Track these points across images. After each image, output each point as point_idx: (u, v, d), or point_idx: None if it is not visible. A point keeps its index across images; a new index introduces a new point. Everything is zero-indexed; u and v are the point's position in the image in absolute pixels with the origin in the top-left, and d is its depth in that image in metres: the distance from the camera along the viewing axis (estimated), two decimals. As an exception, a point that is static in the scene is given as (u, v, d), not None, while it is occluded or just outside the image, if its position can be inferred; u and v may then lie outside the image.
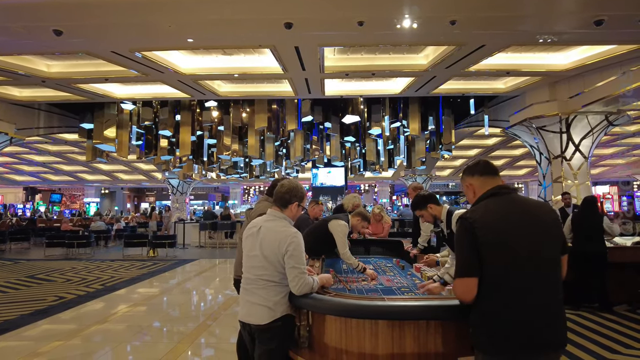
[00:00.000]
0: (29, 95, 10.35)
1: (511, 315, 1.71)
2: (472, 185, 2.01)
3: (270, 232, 2.34)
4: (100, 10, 5.79)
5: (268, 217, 2.45)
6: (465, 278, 1.79)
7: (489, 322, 1.76)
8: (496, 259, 1.74)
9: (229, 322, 5.48)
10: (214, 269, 10.22)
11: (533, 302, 1.72)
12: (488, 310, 1.76)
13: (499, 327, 1.73)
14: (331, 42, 7.18)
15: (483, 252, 1.75)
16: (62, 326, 5.40)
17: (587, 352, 4.24)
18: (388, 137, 12.85)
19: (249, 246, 2.42)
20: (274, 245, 2.28)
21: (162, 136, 12.43)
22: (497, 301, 1.74)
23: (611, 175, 25.35)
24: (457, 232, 1.87)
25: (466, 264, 1.79)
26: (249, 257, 2.39)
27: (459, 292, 1.85)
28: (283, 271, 2.29)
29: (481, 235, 1.75)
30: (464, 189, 2.08)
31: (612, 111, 8.57)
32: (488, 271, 1.75)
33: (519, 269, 1.73)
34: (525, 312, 1.71)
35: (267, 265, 2.30)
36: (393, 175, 22.58)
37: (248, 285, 2.37)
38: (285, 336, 2.34)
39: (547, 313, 1.73)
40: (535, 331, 1.70)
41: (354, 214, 4.17)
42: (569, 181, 9.05)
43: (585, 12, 5.81)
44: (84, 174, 24.55)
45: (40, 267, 10.07)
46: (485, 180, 1.97)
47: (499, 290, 1.74)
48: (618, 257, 5.97)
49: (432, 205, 2.99)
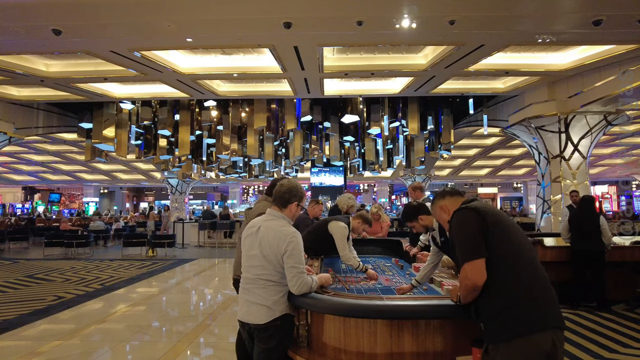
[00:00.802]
0: (28, 95, 10.34)
1: (524, 297, 1.77)
2: (445, 206, 2.16)
3: (269, 231, 2.34)
4: (99, 10, 5.79)
5: (267, 216, 2.46)
6: (475, 260, 1.82)
7: (504, 308, 1.77)
8: (504, 241, 1.85)
9: (228, 322, 5.48)
10: (213, 269, 10.22)
11: (538, 282, 1.82)
12: (502, 296, 1.79)
13: (516, 311, 1.75)
14: (330, 42, 7.18)
15: (494, 238, 1.84)
16: (61, 326, 5.40)
17: (585, 351, 4.25)
18: (387, 137, 12.85)
19: (248, 246, 2.43)
20: (273, 244, 2.29)
21: (161, 136, 12.42)
22: (509, 284, 1.79)
23: (610, 175, 25.40)
24: (460, 217, 1.94)
25: (474, 245, 1.84)
26: (248, 257, 2.40)
27: (472, 275, 1.82)
28: (282, 270, 2.30)
29: (490, 221, 1.86)
30: (437, 214, 2.23)
31: (610, 111, 8.59)
32: (498, 255, 1.82)
33: (524, 252, 1.86)
34: (535, 291, 1.79)
35: (266, 264, 2.30)
36: (392, 175, 22.59)
37: (247, 285, 2.38)
38: (284, 335, 2.34)
39: (552, 295, 1.82)
40: (548, 311, 1.76)
41: (356, 216, 4.17)
42: (568, 181, 9.07)
43: (584, 12, 5.82)
44: (83, 173, 24.53)
45: (39, 267, 10.06)
46: (456, 199, 2.15)
47: (510, 272, 1.81)
48: (616, 256, 6.00)
49: (422, 217, 2.95)
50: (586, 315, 5.52)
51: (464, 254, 1.87)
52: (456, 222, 1.96)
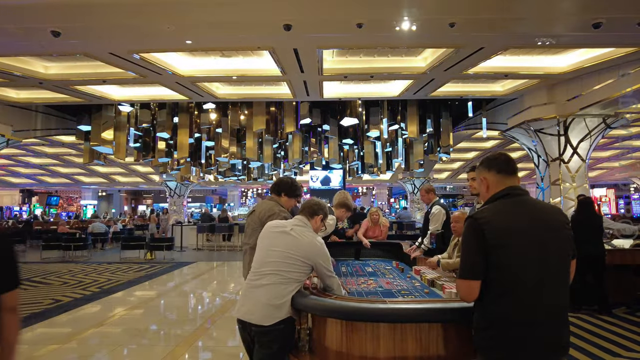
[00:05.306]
0: (26, 97, 10.30)
1: (517, 319, 1.69)
2: (486, 180, 1.94)
3: (304, 236, 2.47)
4: (98, 12, 5.76)
5: (298, 222, 2.57)
6: (467, 280, 1.78)
7: (494, 325, 1.73)
8: (503, 261, 1.71)
9: (227, 325, 5.44)
10: (212, 272, 10.17)
11: (540, 305, 1.70)
12: (493, 314, 1.74)
13: (503, 331, 1.71)
14: (330, 44, 7.17)
15: (490, 255, 1.72)
16: (59, 329, 5.35)
17: (587, 354, 4.22)
18: (386, 140, 12.84)
19: (271, 240, 2.47)
20: (308, 250, 2.42)
21: (160, 138, 12.38)
22: (502, 305, 1.72)
23: (608, 178, 25.45)
24: (464, 231, 1.84)
25: (471, 265, 1.77)
26: (269, 252, 2.43)
27: (461, 293, 1.85)
28: (302, 271, 2.40)
29: (490, 237, 1.72)
30: (477, 181, 2.02)
31: (609, 114, 8.59)
32: (495, 274, 1.72)
33: (526, 272, 1.70)
34: (532, 315, 1.69)
35: (292, 262, 2.37)
36: (391, 178, 22.58)
37: (256, 281, 2.38)
38: (285, 340, 2.32)
39: (553, 317, 1.72)
40: (541, 335, 1.68)
41: (337, 206, 4.32)
42: (567, 184, 9.06)
43: (584, 14, 5.82)
44: (81, 176, 24.44)
45: (37, 270, 10.00)
46: (501, 178, 1.90)
47: (505, 294, 1.71)
48: (617, 259, 5.98)
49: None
50: (587, 319, 5.50)
51: (460, 269, 1.83)
52: (464, 230, 1.86)
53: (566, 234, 1.81)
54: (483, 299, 1.76)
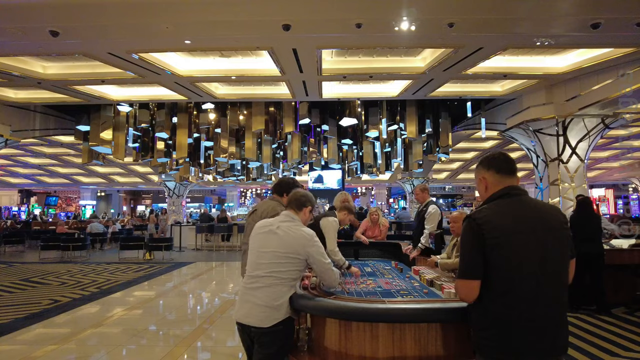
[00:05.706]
0: (24, 97, 10.28)
1: (515, 319, 1.69)
2: (485, 180, 1.93)
3: (290, 231, 2.42)
4: (97, 11, 5.75)
5: (285, 217, 2.52)
6: (467, 280, 1.78)
7: (492, 325, 1.73)
8: (502, 261, 1.71)
9: (226, 326, 5.44)
10: (211, 272, 10.16)
11: (538, 306, 1.69)
12: (492, 314, 1.74)
13: (502, 331, 1.71)
14: (329, 44, 7.17)
15: (489, 255, 1.72)
16: (57, 330, 5.33)
17: (586, 354, 4.23)
18: (385, 140, 12.84)
19: (261, 242, 2.44)
20: (296, 244, 2.37)
21: (159, 138, 12.37)
22: (501, 304, 1.71)
23: (607, 178, 25.49)
24: (463, 231, 1.83)
25: (469, 265, 1.77)
26: (261, 253, 2.40)
27: (460, 293, 1.85)
28: (297, 268, 2.37)
29: (488, 237, 1.72)
30: (476, 181, 2.00)
31: (608, 114, 8.60)
32: (493, 274, 1.72)
33: (525, 272, 1.70)
34: (530, 316, 1.69)
35: (285, 261, 2.34)
36: (390, 178, 22.58)
37: (252, 284, 2.36)
38: (285, 340, 2.32)
39: (551, 317, 1.71)
40: (539, 336, 1.68)
41: (340, 209, 4.35)
42: (566, 184, 9.07)
43: (582, 15, 5.83)
44: (80, 176, 24.40)
45: (35, 270, 9.98)
46: (500, 178, 1.90)
47: (504, 294, 1.71)
48: (615, 259, 5.99)
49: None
50: (586, 319, 5.50)
51: (459, 269, 1.83)
52: (462, 230, 1.85)
53: (565, 234, 1.81)
54: (482, 299, 1.76)
